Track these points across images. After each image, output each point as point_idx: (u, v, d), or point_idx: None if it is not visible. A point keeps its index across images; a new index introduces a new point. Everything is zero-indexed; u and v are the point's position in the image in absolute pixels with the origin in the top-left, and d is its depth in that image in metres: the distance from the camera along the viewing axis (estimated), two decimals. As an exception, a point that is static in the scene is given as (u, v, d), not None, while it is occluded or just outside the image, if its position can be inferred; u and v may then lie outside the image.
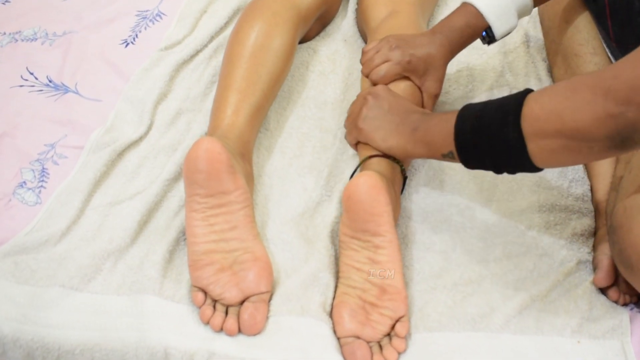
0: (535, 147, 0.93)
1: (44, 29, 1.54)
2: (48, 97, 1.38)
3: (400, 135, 1.12)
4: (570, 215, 1.22)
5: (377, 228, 1.03)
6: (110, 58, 1.48)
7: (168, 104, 1.39)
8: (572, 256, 1.16)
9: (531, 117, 0.92)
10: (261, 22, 1.32)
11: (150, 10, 1.61)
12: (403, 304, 1.04)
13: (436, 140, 1.05)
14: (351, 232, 1.06)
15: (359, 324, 1.03)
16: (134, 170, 1.26)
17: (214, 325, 1.03)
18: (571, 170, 1.28)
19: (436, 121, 1.07)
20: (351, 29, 1.56)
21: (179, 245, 1.15)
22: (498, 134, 0.95)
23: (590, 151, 0.89)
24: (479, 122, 0.99)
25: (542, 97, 0.93)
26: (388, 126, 1.14)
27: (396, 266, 1.04)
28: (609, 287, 1.11)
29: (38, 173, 1.24)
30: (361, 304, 1.04)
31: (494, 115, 0.97)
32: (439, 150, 1.05)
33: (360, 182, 1.03)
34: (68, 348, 1.01)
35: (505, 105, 0.97)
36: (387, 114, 1.16)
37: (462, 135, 1.01)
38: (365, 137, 1.16)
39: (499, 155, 0.97)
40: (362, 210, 1.03)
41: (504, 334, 1.06)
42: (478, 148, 0.99)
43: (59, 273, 1.08)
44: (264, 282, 1.06)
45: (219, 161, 1.06)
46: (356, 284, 1.05)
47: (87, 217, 1.17)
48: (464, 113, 1.02)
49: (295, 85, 1.44)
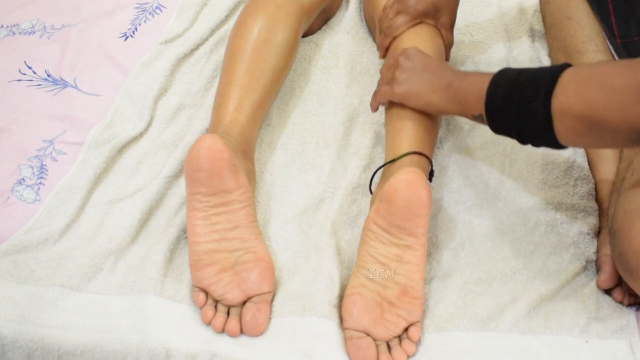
0: (561, 126, 0.93)
1: (42, 22, 1.54)
2: (47, 92, 1.38)
3: (434, 91, 1.13)
4: (577, 214, 1.22)
5: (415, 229, 1.03)
6: (109, 52, 1.47)
7: (168, 99, 1.39)
8: (580, 255, 1.16)
9: (562, 96, 0.92)
10: (264, 15, 1.31)
11: (150, 3, 1.60)
12: (420, 309, 1.04)
13: (469, 100, 1.06)
14: (385, 225, 1.05)
15: (371, 320, 1.03)
16: (134, 167, 1.26)
17: (216, 327, 1.03)
18: (576, 168, 1.29)
19: (470, 81, 1.08)
20: (353, 20, 1.55)
21: (180, 243, 1.15)
22: (527, 106, 0.96)
23: (614, 140, 0.90)
24: (510, 91, 0.99)
25: (576, 77, 0.93)
26: (422, 83, 1.15)
27: (421, 271, 1.04)
28: (614, 288, 1.11)
29: (37, 170, 1.23)
30: (379, 300, 1.04)
31: (526, 87, 0.97)
32: (470, 110, 1.06)
33: (410, 178, 1.03)
34: (68, 349, 1.01)
35: (539, 78, 0.96)
36: (420, 72, 1.17)
37: (493, 101, 1.02)
38: (401, 96, 1.17)
39: (525, 127, 0.98)
40: (405, 207, 1.02)
41: (514, 334, 1.06)
42: (506, 117, 1.00)
43: (58, 273, 1.08)
44: (266, 282, 1.06)
45: (221, 159, 1.06)
46: (377, 279, 1.04)
47: (86, 215, 1.17)
48: (497, 79, 1.03)
49: (298, 80, 1.43)
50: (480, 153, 1.32)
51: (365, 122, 1.35)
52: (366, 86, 1.42)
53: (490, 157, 1.32)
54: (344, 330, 1.04)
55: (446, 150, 1.33)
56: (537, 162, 1.30)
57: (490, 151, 1.33)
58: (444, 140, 1.34)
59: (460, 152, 1.33)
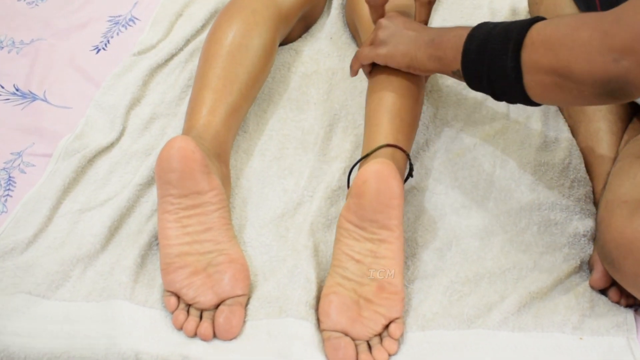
0: (530, 80, 0.96)
1: (11, 37, 1.60)
2: (15, 106, 1.43)
3: (418, 48, 1.16)
4: (572, 215, 1.24)
5: (388, 221, 1.05)
6: (80, 65, 1.53)
7: (141, 109, 1.43)
8: (574, 255, 1.18)
9: (530, 48, 0.96)
10: (240, 20, 1.35)
11: (123, 16, 1.66)
12: (400, 305, 1.06)
13: (448, 55, 1.10)
14: (357, 221, 1.07)
15: (349, 320, 1.05)
16: (105, 176, 1.30)
17: (188, 331, 1.06)
18: (573, 170, 1.31)
19: (450, 35, 1.11)
20: (335, 26, 1.60)
21: (151, 249, 1.18)
22: (497, 60, 0.99)
23: (580, 94, 0.93)
24: (483, 45, 1.03)
25: (545, 29, 0.96)
26: (406, 41, 1.18)
27: (398, 264, 1.06)
28: (609, 287, 1.12)
29: (4, 182, 1.28)
30: (355, 298, 1.06)
31: (497, 40, 1.00)
32: (449, 66, 1.10)
33: (378, 168, 1.05)
34: (35, 357, 1.03)
35: (510, 31, 1.00)
36: (403, 30, 1.20)
37: (468, 54, 1.05)
38: (384, 56, 1.20)
39: (497, 82, 1.01)
40: (375, 199, 1.05)
41: (502, 331, 1.08)
42: (479, 70, 1.03)
43: (25, 280, 1.11)
44: (240, 284, 1.09)
45: (192, 160, 1.09)
46: (353, 277, 1.07)
47: (55, 225, 1.21)
48: (474, 32, 1.06)
49: (277, 87, 1.48)
50: (469, 155, 1.35)
51: (347, 127, 1.39)
52: (348, 91, 1.46)
53: (479, 158, 1.35)
54: (322, 331, 1.06)
55: (433, 152, 1.36)
56: (530, 162, 1.33)
57: (480, 152, 1.36)
58: (430, 142, 1.38)
59: (448, 153, 1.36)
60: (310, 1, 1.54)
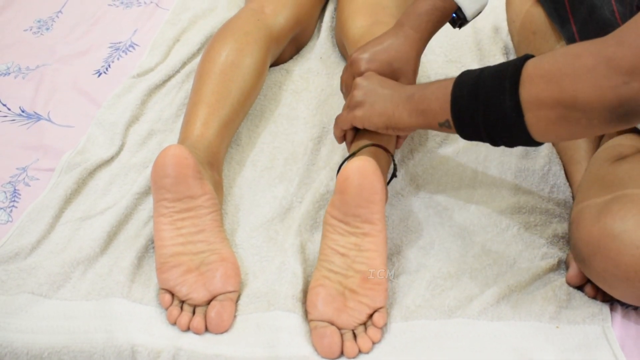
0: (532, 117, 0.92)
1: (17, 64, 1.66)
2: (20, 126, 1.49)
3: (396, 106, 1.12)
4: (551, 218, 1.28)
5: (370, 215, 1.09)
6: (82, 87, 1.59)
7: (140, 126, 1.49)
8: (553, 254, 1.22)
9: (529, 84, 0.91)
10: (232, 41, 1.42)
11: (123, 42, 1.73)
12: (383, 295, 1.09)
13: (432, 107, 1.05)
14: (340, 216, 1.11)
15: (335, 310, 1.08)
16: (105, 187, 1.35)
17: (181, 325, 1.10)
18: (552, 176, 1.35)
19: (433, 88, 1.07)
20: (324, 46, 1.66)
21: (147, 252, 1.22)
22: (494, 101, 0.95)
23: (588, 123, 0.89)
24: (475, 89, 0.98)
25: (542, 63, 0.92)
26: (382, 100, 1.14)
27: (381, 256, 1.10)
28: (585, 284, 1.15)
29: (10, 194, 1.33)
30: (341, 289, 1.10)
31: (491, 81, 0.96)
32: (435, 118, 1.05)
33: (359, 165, 1.08)
34: (36, 352, 1.07)
35: (503, 70, 0.96)
36: (379, 89, 1.16)
37: (458, 102, 1.00)
38: (361, 118, 1.16)
39: (495, 125, 0.96)
40: (357, 194, 1.08)
41: (481, 320, 1.11)
42: (474, 117, 0.98)
43: (28, 281, 1.15)
44: (231, 281, 1.13)
45: (186, 166, 1.14)
46: (338, 269, 1.10)
47: (57, 232, 1.26)
48: (461, 79, 1.02)
49: (268, 104, 1.53)
50: (452, 162, 1.40)
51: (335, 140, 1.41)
52: (336, 105, 1.51)
53: (462, 165, 1.39)
54: (309, 322, 1.10)
55: (417, 160, 1.40)
56: (511, 168, 1.37)
57: (462, 159, 1.40)
58: (415, 150, 1.42)
59: (431, 161, 1.40)
60: (301, 24, 1.60)
